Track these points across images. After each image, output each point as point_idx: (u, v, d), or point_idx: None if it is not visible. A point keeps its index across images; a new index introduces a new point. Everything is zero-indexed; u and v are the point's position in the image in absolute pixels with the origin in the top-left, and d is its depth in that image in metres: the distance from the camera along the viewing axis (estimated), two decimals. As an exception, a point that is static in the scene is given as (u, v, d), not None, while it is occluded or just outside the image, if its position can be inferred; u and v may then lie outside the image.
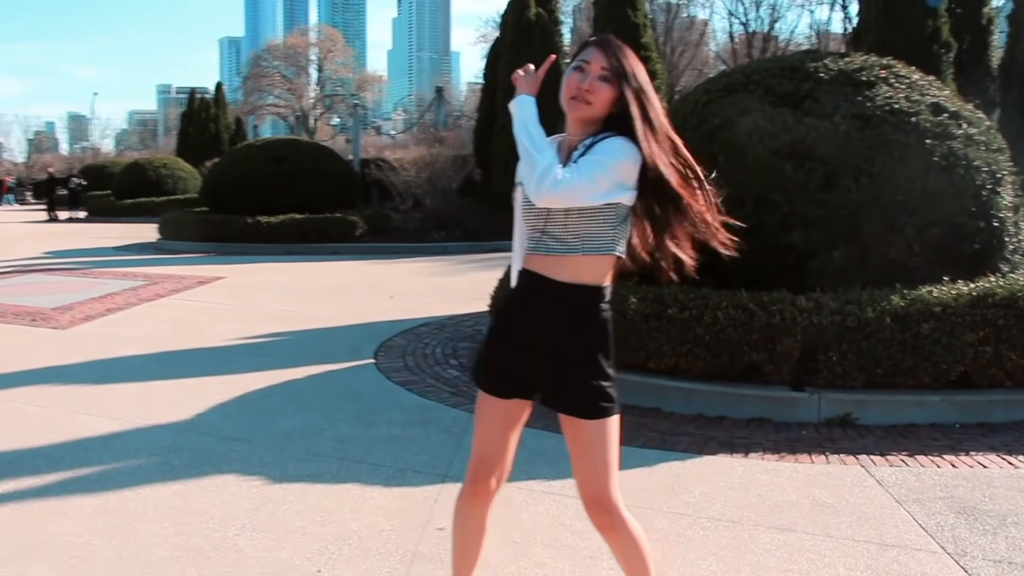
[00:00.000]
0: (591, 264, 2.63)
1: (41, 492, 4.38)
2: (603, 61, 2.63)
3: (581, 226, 2.59)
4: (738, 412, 5.73)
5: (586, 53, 2.67)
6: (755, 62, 7.95)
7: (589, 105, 2.63)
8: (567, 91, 2.65)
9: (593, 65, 2.63)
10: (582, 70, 2.64)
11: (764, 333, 5.71)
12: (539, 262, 2.67)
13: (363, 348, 7.78)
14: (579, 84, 2.62)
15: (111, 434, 5.32)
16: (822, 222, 6.29)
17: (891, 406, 5.64)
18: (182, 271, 14.23)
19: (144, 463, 4.79)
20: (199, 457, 4.86)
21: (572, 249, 2.61)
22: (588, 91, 2.62)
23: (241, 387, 6.41)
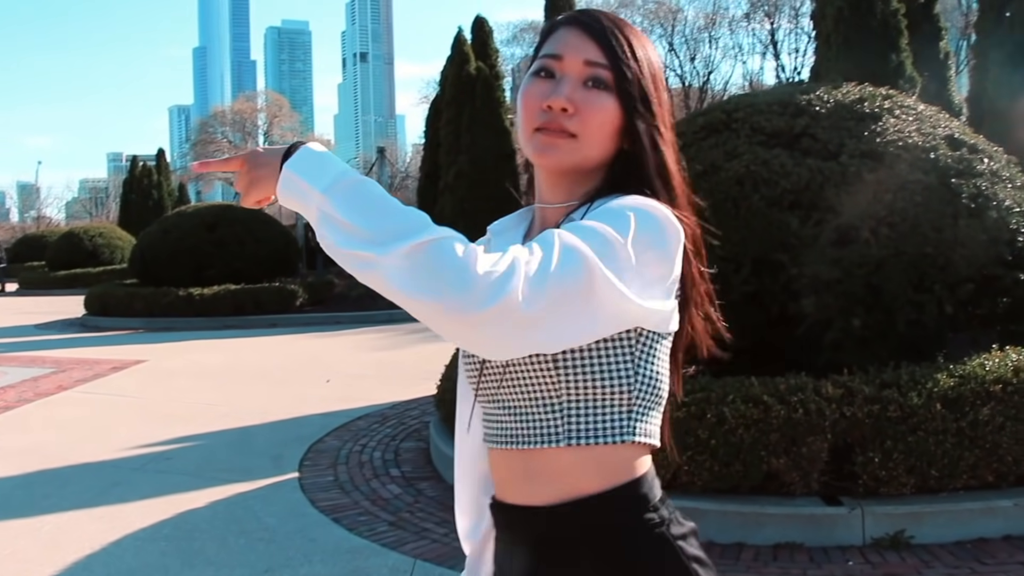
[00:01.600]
0: (581, 466, 1.32)
1: None
2: (591, 51, 1.35)
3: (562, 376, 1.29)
4: (759, 537, 4.44)
5: (555, 41, 1.38)
6: (736, 98, 6.86)
7: (574, 140, 1.34)
8: (528, 118, 1.36)
9: (570, 60, 1.35)
10: (550, 73, 1.36)
11: (784, 432, 4.46)
12: (500, 467, 1.39)
13: (287, 455, 6.40)
14: (548, 101, 1.34)
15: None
16: (837, 285, 5.14)
17: (953, 517, 4.40)
18: (99, 354, 12.77)
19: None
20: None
21: (543, 434, 1.32)
22: (568, 112, 1.33)
23: (121, 526, 5.00)
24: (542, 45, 1.40)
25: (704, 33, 47.19)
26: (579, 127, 1.33)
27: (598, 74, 1.34)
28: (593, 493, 1.31)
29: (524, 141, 1.38)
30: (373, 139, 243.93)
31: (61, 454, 6.76)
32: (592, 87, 1.34)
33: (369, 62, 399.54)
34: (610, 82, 1.34)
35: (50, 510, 5.38)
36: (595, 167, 1.38)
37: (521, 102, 1.38)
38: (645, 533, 1.33)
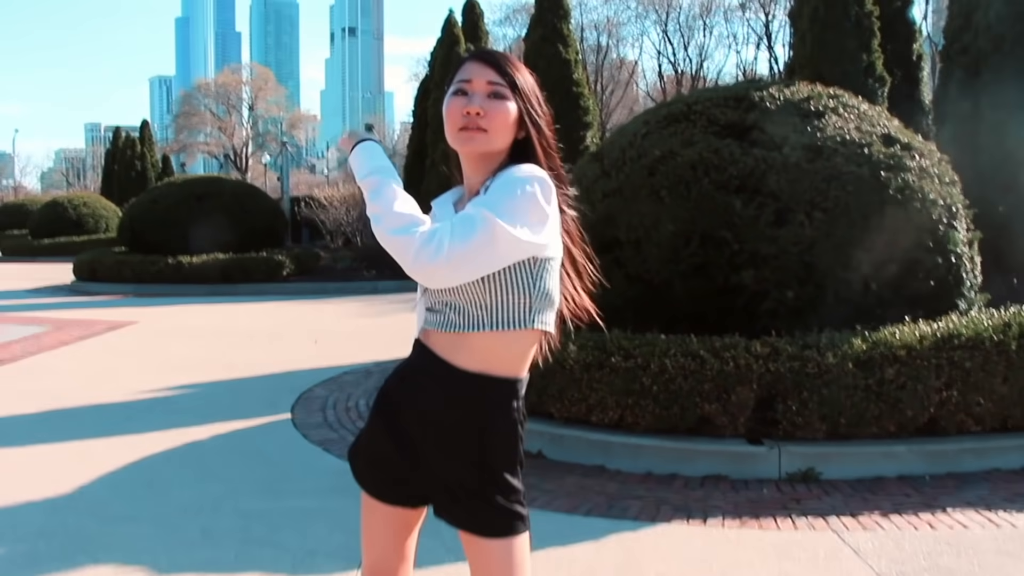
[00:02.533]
0: (501, 344, 2.03)
1: None
2: (490, 75, 2.05)
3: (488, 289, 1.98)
4: (691, 469, 5.19)
5: (464, 71, 2.08)
6: (696, 92, 7.55)
7: (485, 134, 2.03)
8: (452, 120, 2.05)
9: (477, 82, 2.04)
10: (464, 92, 2.05)
11: (717, 382, 5.20)
12: (436, 339, 2.07)
13: (280, 401, 7.10)
14: (467, 109, 2.02)
15: (-26, 513, 4.59)
16: (774, 260, 5.85)
17: (857, 458, 5.16)
18: (93, 315, 13.37)
19: (5, 553, 4.07)
20: (73, 543, 4.14)
21: (475, 323, 2.01)
22: (480, 115, 2.02)
23: (137, 450, 5.70)
24: (455, 74, 2.10)
25: (699, 21, 47.68)
26: (488, 124, 2.03)
27: (497, 89, 2.04)
28: (499, 374, 2.03)
29: (451, 138, 2.06)
30: (360, 115, 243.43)
31: (73, 397, 7.43)
32: (494, 98, 2.04)
33: (358, 37, 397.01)
34: (506, 93, 2.04)
35: (72, 438, 6.07)
36: (500, 152, 2.08)
37: (446, 112, 2.06)
38: (513, 406, 2.06)
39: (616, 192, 6.37)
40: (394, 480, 2.13)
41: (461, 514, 2.05)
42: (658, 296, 6.13)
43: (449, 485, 2.05)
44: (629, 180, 6.36)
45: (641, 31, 53.43)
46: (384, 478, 2.14)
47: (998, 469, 5.23)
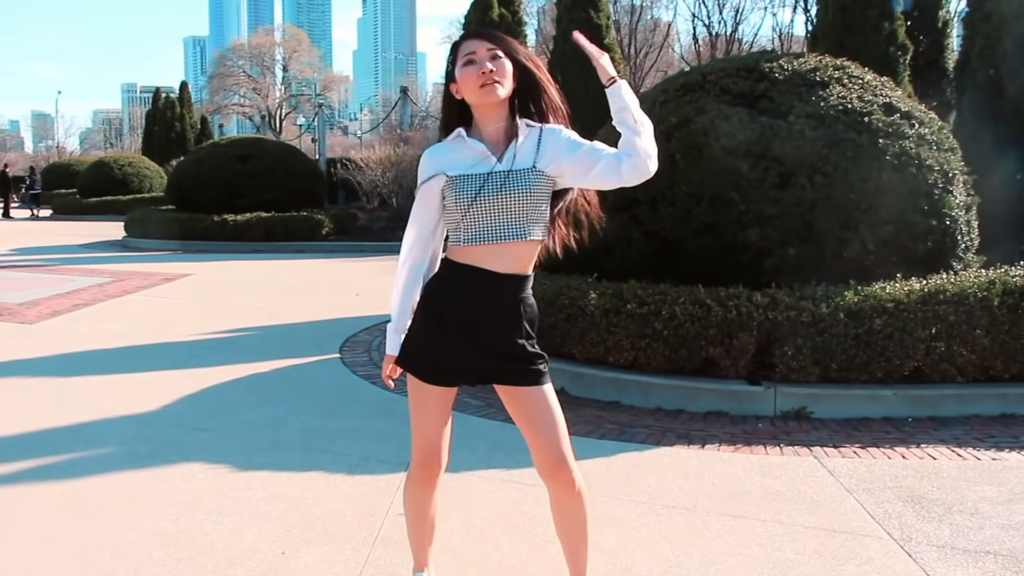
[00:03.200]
0: (531, 250, 2.78)
1: (11, 479, 4.44)
2: (487, 44, 2.73)
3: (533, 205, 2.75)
4: (696, 406, 5.86)
5: (466, 47, 2.75)
6: (712, 62, 8.10)
7: (500, 85, 2.69)
8: (472, 82, 2.70)
9: (480, 52, 2.71)
10: (473, 62, 2.71)
11: (721, 328, 5.85)
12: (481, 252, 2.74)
13: (328, 343, 7.85)
14: (481, 71, 2.67)
15: (79, 424, 5.37)
16: (777, 220, 6.43)
17: (845, 400, 5.79)
18: (148, 268, 14.20)
19: (112, 452, 4.84)
20: (166, 446, 4.92)
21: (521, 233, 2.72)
22: (494, 72, 2.68)
23: (206, 380, 6.47)
24: (456, 52, 2.76)
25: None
26: (499, 76, 2.71)
27: (495, 52, 2.73)
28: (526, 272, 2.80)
29: (473, 95, 2.70)
30: (393, 76, 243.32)
31: (143, 336, 8.24)
32: (494, 59, 2.72)
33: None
34: (500, 54, 2.73)
35: (149, 369, 6.86)
36: (506, 99, 2.76)
37: (463, 78, 2.71)
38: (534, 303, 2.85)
39: (636, 156, 6.98)
40: (455, 369, 2.82)
41: (517, 376, 2.80)
42: (672, 251, 6.76)
43: (506, 358, 2.78)
44: (648, 146, 6.95)
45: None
46: (444, 369, 2.82)
47: (977, 415, 5.81)
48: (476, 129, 2.79)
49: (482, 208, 2.69)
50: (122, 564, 3.49)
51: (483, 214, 2.70)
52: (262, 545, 3.66)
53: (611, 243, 6.87)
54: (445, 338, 2.78)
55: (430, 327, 2.81)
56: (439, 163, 2.76)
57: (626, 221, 6.80)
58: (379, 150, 24.26)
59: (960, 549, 3.72)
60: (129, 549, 3.62)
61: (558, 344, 6.30)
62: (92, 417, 5.52)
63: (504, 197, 2.69)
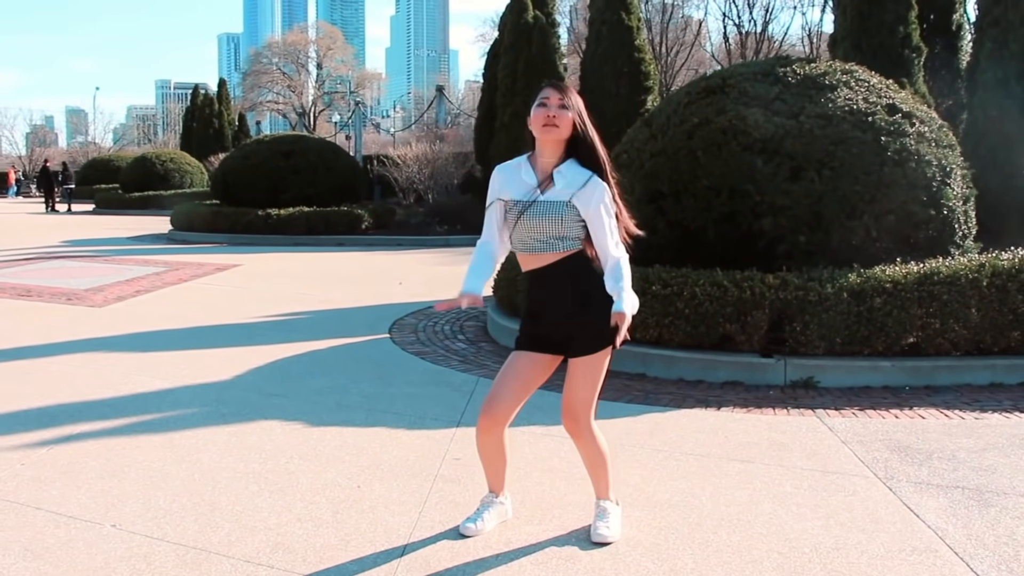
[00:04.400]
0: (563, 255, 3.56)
1: (114, 432, 5.16)
2: (559, 97, 3.46)
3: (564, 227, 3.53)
4: (714, 376, 6.50)
5: (544, 93, 3.47)
6: (732, 67, 8.71)
7: (558, 128, 3.43)
8: (539, 121, 3.45)
9: (552, 100, 3.45)
10: (545, 105, 3.44)
11: (737, 307, 6.48)
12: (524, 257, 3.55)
13: (378, 325, 8.55)
14: (548, 114, 3.41)
15: (163, 390, 6.10)
16: (789, 210, 7.06)
17: (848, 371, 6.41)
18: (199, 259, 14.98)
19: (198, 411, 5.56)
20: (245, 407, 5.63)
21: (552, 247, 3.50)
22: (556, 118, 3.42)
23: (270, 355, 7.18)
24: (538, 94, 3.51)
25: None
26: (559, 122, 3.45)
27: (563, 102, 3.47)
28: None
29: (538, 130, 3.45)
30: (425, 74, 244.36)
31: (206, 319, 9.00)
32: (561, 108, 3.46)
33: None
34: (568, 106, 3.46)
35: (217, 346, 7.58)
36: (563, 141, 3.49)
37: (534, 117, 3.48)
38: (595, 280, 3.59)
39: (661, 152, 7.63)
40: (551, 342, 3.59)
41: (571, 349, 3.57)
42: (694, 239, 7.39)
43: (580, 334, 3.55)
44: (672, 142, 7.60)
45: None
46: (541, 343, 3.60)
47: (969, 384, 6.42)
48: (535, 155, 3.53)
49: (523, 227, 3.49)
50: (223, 494, 4.19)
51: (524, 231, 3.49)
52: (340, 480, 4.36)
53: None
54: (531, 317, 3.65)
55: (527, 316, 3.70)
56: (501, 186, 3.57)
57: (652, 211, 7.43)
58: (415, 147, 24.99)
59: (935, 485, 4.34)
60: (228, 484, 4.32)
61: (589, 322, 6.95)
62: (174, 384, 6.25)
63: (539, 220, 3.44)
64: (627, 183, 7.98)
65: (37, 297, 10.41)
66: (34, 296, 10.48)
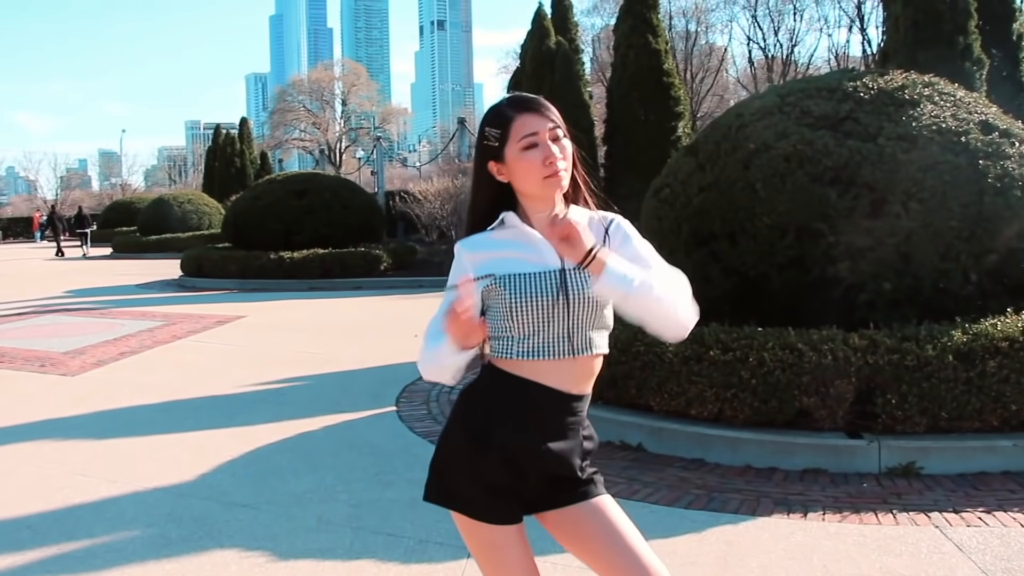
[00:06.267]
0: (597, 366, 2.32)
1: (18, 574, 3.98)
2: (548, 122, 2.22)
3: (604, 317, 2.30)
4: (790, 463, 5.24)
5: (523, 125, 2.20)
6: (788, 83, 7.53)
7: (567, 172, 2.22)
8: (536, 171, 2.19)
9: (543, 133, 2.19)
10: (535, 145, 2.19)
11: (815, 375, 5.24)
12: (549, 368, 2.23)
13: (384, 394, 7.36)
14: (548, 158, 2.17)
15: (106, 499, 4.91)
16: (870, 252, 5.86)
17: (958, 453, 5.14)
18: (202, 310, 13.91)
19: (138, 536, 4.36)
20: (199, 528, 4.43)
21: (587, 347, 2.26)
22: (561, 156, 2.20)
23: (252, 441, 6.01)
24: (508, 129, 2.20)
25: (788, 5, 46.69)
26: (566, 163, 2.21)
27: (556, 133, 2.21)
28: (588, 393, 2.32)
29: (537, 187, 2.19)
30: (451, 108, 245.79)
31: (188, 389, 7.83)
32: (557, 139, 2.21)
33: (447, 30, 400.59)
34: (562, 134, 2.22)
35: (190, 429, 6.41)
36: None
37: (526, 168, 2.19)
38: None
39: (711, 186, 6.43)
40: (517, 498, 2.26)
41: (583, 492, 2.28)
42: (754, 289, 6.18)
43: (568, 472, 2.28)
44: (724, 173, 6.41)
45: (730, 17, 52.39)
46: (506, 499, 2.24)
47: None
48: (520, 218, 2.29)
49: (542, 316, 2.20)
50: None
51: (543, 323, 2.20)
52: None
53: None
54: (492, 460, 2.23)
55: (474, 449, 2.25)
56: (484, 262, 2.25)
57: (703, 257, 6.25)
58: (437, 182, 23.92)
59: None
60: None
61: (633, 395, 5.76)
62: (122, 490, 5.06)
63: (568, 304, 2.20)
64: (671, 223, 6.80)
65: (8, 363, 9.32)
66: (5, 361, 9.39)
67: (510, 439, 2.21)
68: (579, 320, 2.20)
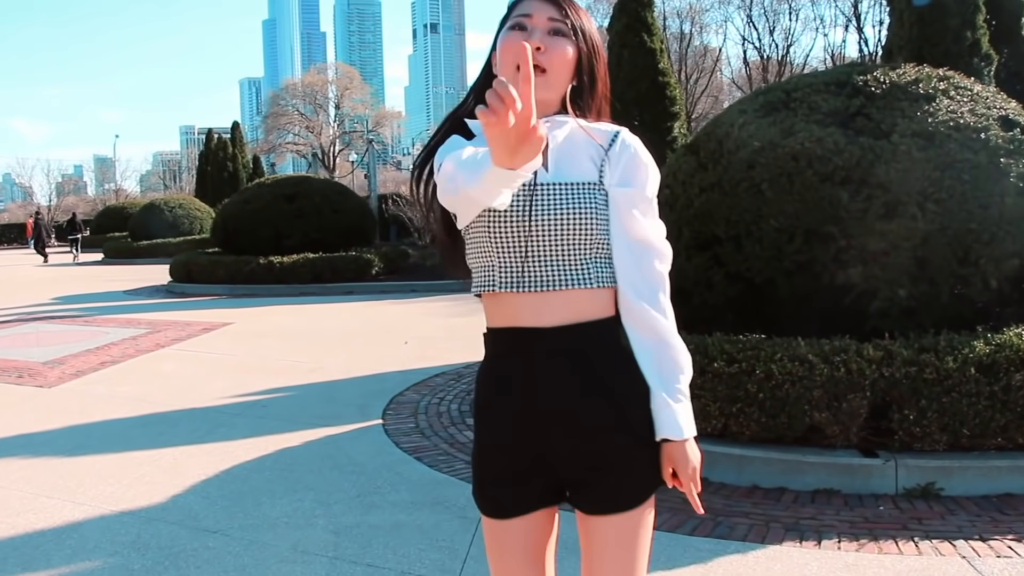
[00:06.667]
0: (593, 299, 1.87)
1: (-31, 611, 3.64)
2: (551, 11, 1.83)
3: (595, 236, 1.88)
4: (800, 483, 4.90)
5: (524, 6, 1.85)
6: (795, 77, 7.18)
7: (544, 74, 1.78)
8: (507, 60, 1.80)
9: (537, 17, 1.82)
10: (523, 27, 1.82)
11: (827, 389, 4.89)
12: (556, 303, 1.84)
13: (371, 406, 7.00)
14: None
15: (70, 524, 4.56)
16: (884, 256, 5.51)
17: (981, 473, 4.80)
18: (188, 316, 13.56)
19: (97, 568, 4.01)
20: (165, 557, 4.07)
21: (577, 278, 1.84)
22: (540, 50, 1.78)
23: (229, 458, 5.66)
24: (512, 11, 1.88)
25: (784, 4, 46.47)
26: (548, 62, 1.80)
27: (558, 26, 1.83)
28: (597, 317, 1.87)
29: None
30: (444, 111, 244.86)
31: (168, 401, 7.47)
32: (555, 35, 1.83)
33: (440, 33, 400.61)
34: (567, 32, 1.83)
35: (165, 445, 6.05)
36: (555, 102, 1.85)
37: (502, 48, 1.83)
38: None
39: (714, 186, 6.09)
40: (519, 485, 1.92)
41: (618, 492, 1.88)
42: (760, 295, 5.84)
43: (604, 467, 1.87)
44: (728, 173, 6.07)
45: (725, 17, 52.37)
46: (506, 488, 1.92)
47: None
48: None
49: (522, 228, 1.81)
50: None
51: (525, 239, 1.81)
52: None
53: (688, 287, 5.98)
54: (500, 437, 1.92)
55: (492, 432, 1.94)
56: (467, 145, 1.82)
57: (706, 262, 5.92)
58: (429, 185, 23.54)
59: None
60: None
61: (632, 410, 5.40)
62: (88, 513, 4.71)
63: (553, 222, 1.80)
64: (670, 226, 6.44)
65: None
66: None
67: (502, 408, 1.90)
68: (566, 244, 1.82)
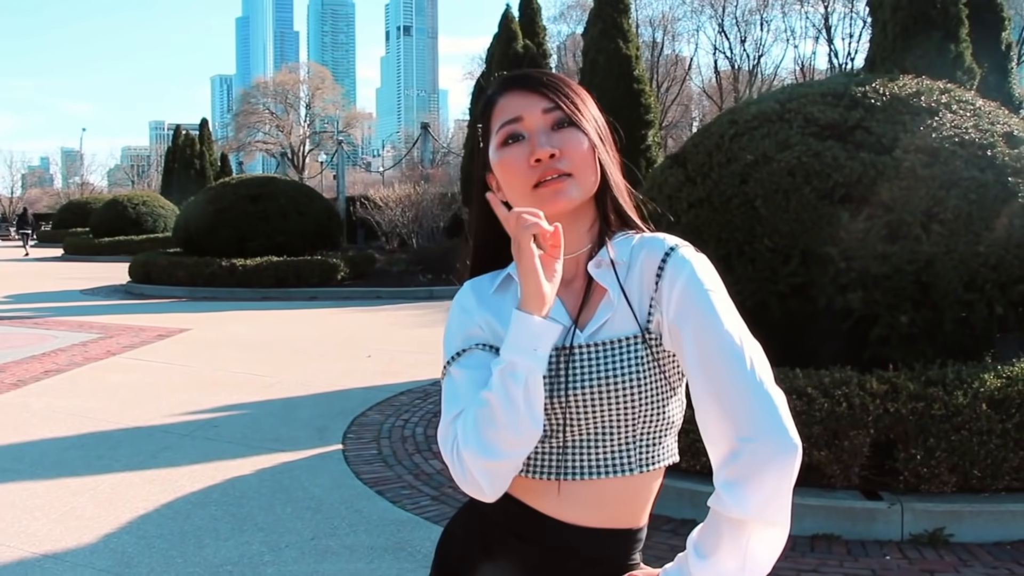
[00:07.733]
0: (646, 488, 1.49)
1: None
2: (541, 102, 1.40)
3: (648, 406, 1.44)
4: (798, 527, 4.48)
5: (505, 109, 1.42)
6: (790, 88, 6.81)
7: (572, 178, 1.37)
8: (520, 183, 1.38)
9: (529, 118, 1.40)
10: (520, 137, 1.39)
11: (826, 425, 4.50)
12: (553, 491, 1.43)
13: (331, 428, 6.52)
14: (534, 155, 1.36)
15: (-20, 574, 4.06)
16: (886, 280, 5.14)
17: (994, 517, 4.42)
18: (144, 321, 12.99)
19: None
20: (87, 616, 3.60)
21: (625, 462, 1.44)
22: (556, 156, 1.37)
23: (172, 489, 5.16)
24: (489, 120, 1.45)
25: (755, 15, 46.67)
26: (571, 165, 1.37)
27: (558, 116, 1.39)
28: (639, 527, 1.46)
29: (523, 197, 1.38)
30: (415, 113, 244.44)
31: (112, 418, 6.95)
32: (559, 128, 1.39)
33: (413, 35, 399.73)
34: (571, 118, 1.39)
35: (104, 471, 5.55)
36: (590, 199, 1.43)
37: (504, 170, 1.41)
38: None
39: (704, 201, 5.69)
40: None
41: None
42: (750, 319, 5.42)
43: None
44: (718, 188, 5.67)
45: (697, 26, 52.26)
46: None
47: None
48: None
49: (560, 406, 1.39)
50: None
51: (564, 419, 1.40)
52: None
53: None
54: None
55: None
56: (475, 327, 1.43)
57: (695, 283, 5.49)
58: (398, 188, 23.06)
59: None
60: None
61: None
62: (4, 558, 4.19)
63: (592, 393, 1.39)
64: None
65: (-86, 383, 8.39)
66: (-89, 382, 8.46)
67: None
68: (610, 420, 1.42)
